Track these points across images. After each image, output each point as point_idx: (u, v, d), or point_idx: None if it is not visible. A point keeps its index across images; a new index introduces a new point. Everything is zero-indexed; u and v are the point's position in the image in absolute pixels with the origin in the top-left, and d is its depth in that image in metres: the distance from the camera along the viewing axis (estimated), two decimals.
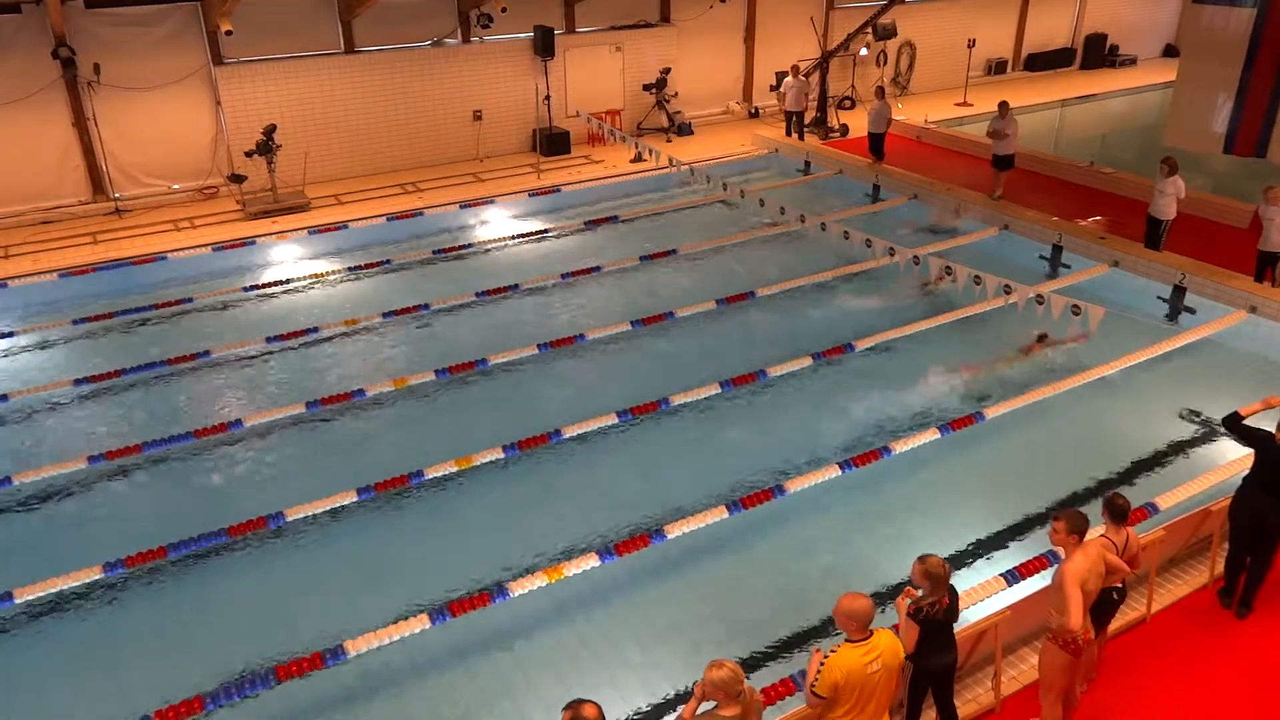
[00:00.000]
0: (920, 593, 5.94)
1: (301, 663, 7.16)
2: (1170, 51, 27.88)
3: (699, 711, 5.12)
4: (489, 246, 16.05)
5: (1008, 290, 11.66)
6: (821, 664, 5.33)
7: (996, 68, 26.11)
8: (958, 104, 23.21)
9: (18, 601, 7.90)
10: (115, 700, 7.08)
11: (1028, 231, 14.93)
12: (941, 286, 13.01)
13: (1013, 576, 7.67)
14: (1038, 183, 16.94)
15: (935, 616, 5.87)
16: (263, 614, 8.11)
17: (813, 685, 5.34)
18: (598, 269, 14.48)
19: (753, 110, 22.97)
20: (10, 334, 12.84)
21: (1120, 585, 6.56)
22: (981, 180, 16.79)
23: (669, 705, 7.07)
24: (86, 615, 8.15)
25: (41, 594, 7.98)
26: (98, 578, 8.18)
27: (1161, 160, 13.38)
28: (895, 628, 5.93)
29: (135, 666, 7.59)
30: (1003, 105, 16.05)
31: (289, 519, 8.84)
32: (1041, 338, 11.74)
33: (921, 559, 5.90)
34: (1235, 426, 7.46)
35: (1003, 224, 15.25)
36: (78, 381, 11.47)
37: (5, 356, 12.50)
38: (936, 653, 6.02)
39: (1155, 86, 24.22)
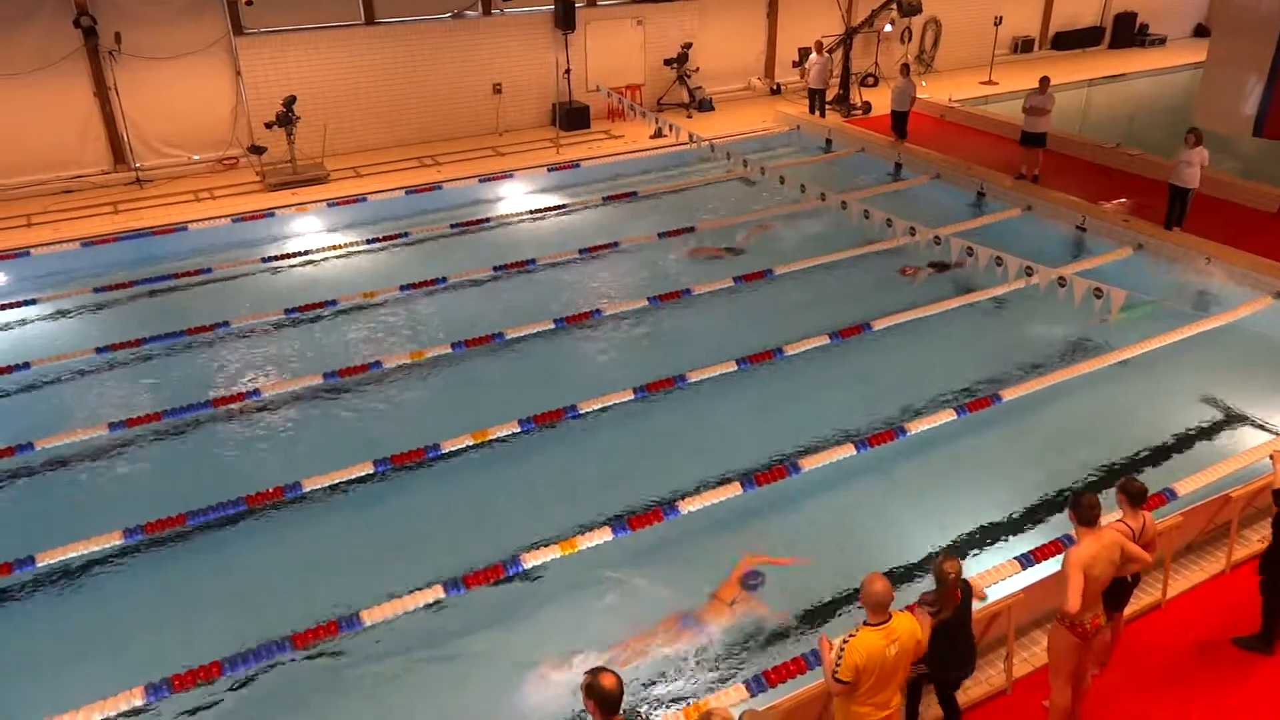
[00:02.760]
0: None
1: (318, 631, 7.25)
2: (1201, 31, 27.38)
3: None
4: (507, 221, 16.03)
5: (1029, 272, 11.55)
6: (842, 648, 5.33)
7: (1023, 46, 25.72)
8: (983, 82, 22.89)
9: (39, 565, 8.03)
10: (135, 664, 7.17)
11: (1051, 213, 14.78)
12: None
13: (1027, 560, 7.65)
14: (1062, 164, 16.73)
15: (943, 616, 5.80)
16: (280, 583, 8.21)
17: (834, 671, 5.34)
18: (615, 245, 14.43)
19: (774, 86, 22.75)
20: (33, 301, 12.96)
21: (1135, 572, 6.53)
22: (1006, 160, 16.59)
23: (675, 676, 7.13)
24: (107, 581, 8.26)
25: (63, 558, 8.11)
26: (118, 544, 8.30)
27: (1188, 130, 13.26)
28: (911, 609, 5.92)
29: (155, 632, 7.70)
30: (1044, 80, 15.75)
31: (306, 489, 8.92)
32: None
33: (944, 557, 5.83)
34: None
35: (1026, 205, 15.09)
36: (99, 350, 11.58)
37: (28, 324, 12.62)
38: (956, 664, 6.00)
39: (1185, 67, 23.78)
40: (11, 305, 12.85)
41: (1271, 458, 7.19)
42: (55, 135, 16.25)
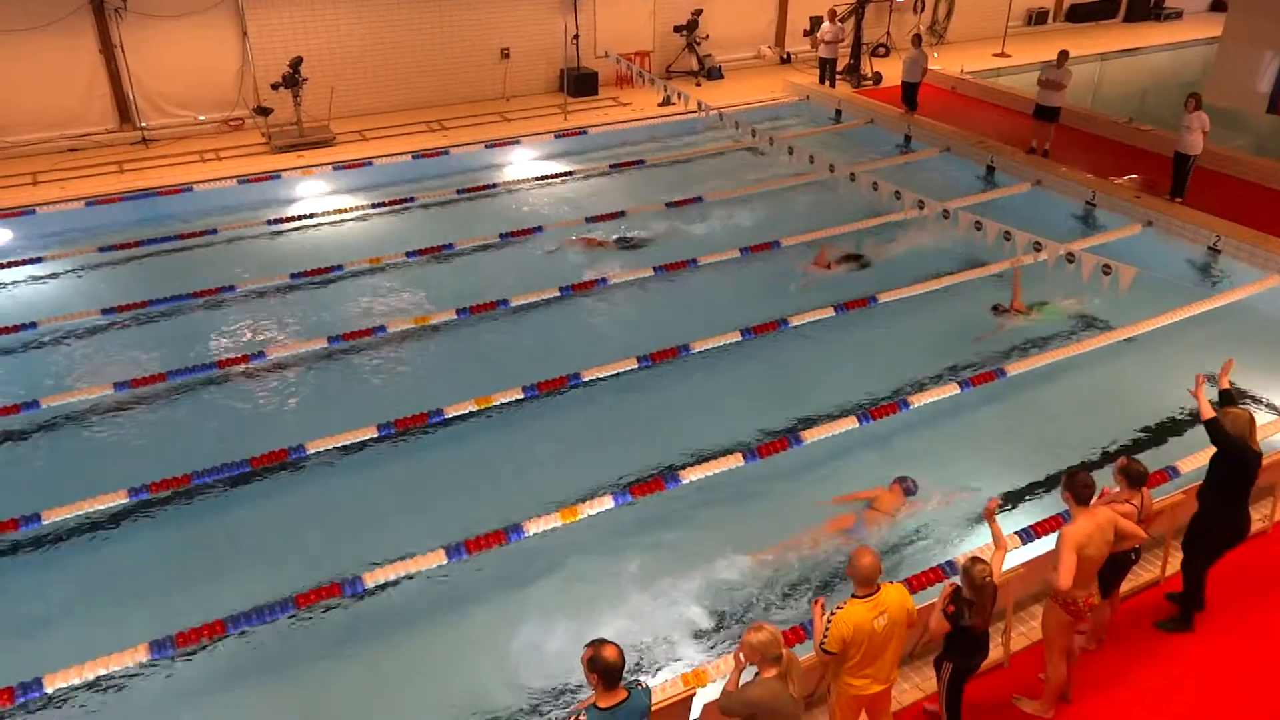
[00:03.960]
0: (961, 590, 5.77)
1: (321, 592, 7.31)
2: (1218, 6, 26.94)
3: (743, 682, 5.15)
4: (513, 187, 15.95)
5: (1037, 247, 11.47)
6: (829, 620, 5.38)
7: (1037, 18, 25.40)
8: (996, 54, 22.65)
9: (45, 523, 8.09)
10: (141, 621, 7.25)
11: (1060, 188, 14.68)
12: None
13: (1027, 535, 7.69)
14: (1073, 138, 16.59)
15: (972, 629, 5.74)
16: (284, 544, 8.27)
17: (822, 642, 5.41)
18: (622, 214, 14.36)
19: (785, 55, 22.52)
20: (38, 260, 12.95)
21: (1137, 548, 6.56)
22: (1017, 134, 16.45)
23: (678, 643, 7.22)
24: (112, 539, 8.32)
25: (69, 516, 8.17)
26: (123, 502, 8.36)
27: (1188, 95, 13.27)
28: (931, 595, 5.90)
29: (160, 590, 7.77)
30: (1062, 54, 15.52)
31: (310, 452, 8.96)
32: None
33: (972, 560, 5.72)
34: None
35: (1035, 179, 14.98)
36: (105, 310, 11.58)
37: (33, 282, 12.62)
38: (974, 653, 6.02)
39: (1200, 42, 23.51)
40: (17, 263, 12.85)
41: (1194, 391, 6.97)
42: (60, 93, 16.14)
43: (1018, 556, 7.35)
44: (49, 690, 6.54)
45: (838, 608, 5.42)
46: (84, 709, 6.79)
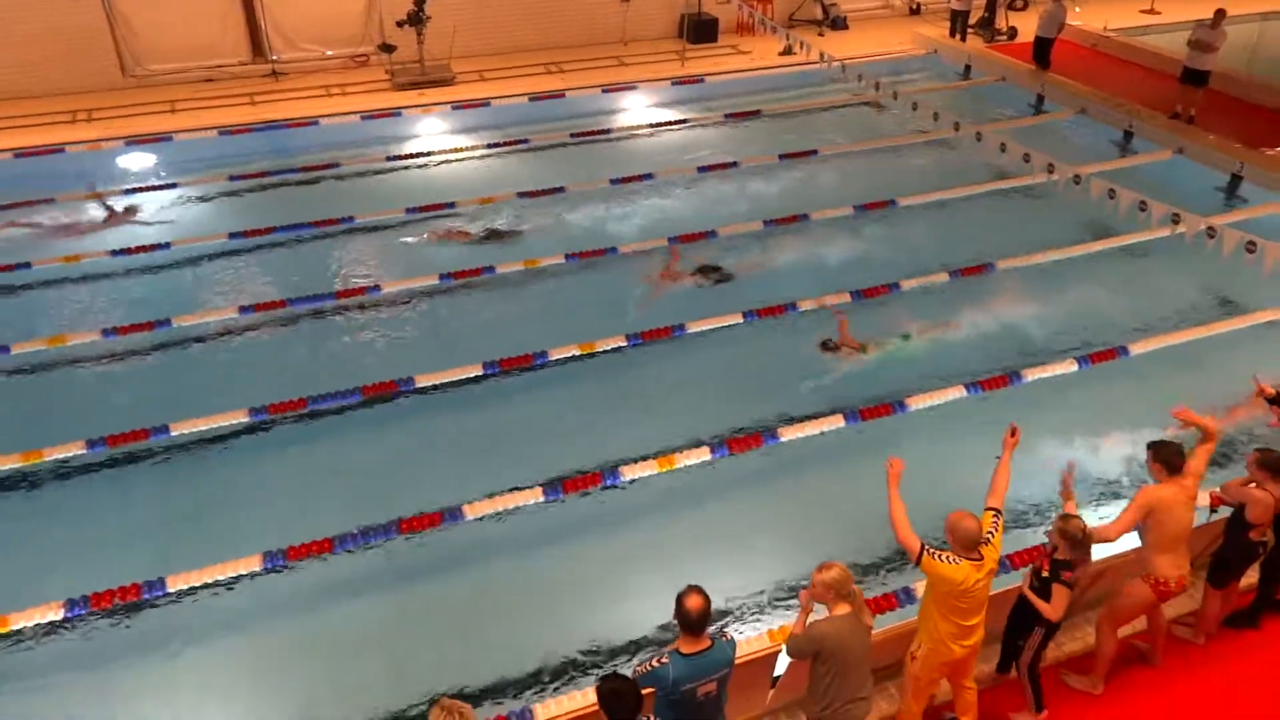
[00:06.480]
0: (1056, 552, 5.69)
1: (423, 519, 7.58)
2: None
3: (810, 620, 5.16)
4: (627, 133, 15.87)
5: (1175, 220, 10.84)
6: (945, 558, 5.28)
7: None
8: (1143, 11, 21.27)
9: (174, 434, 8.58)
10: (258, 534, 7.59)
11: (1205, 158, 13.77)
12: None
13: None
14: (1223, 104, 15.50)
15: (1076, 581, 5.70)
16: (391, 471, 8.58)
17: (928, 548, 5.27)
18: (734, 165, 14.15)
19: (914, 6, 21.64)
20: (174, 185, 13.58)
21: (1265, 540, 6.24)
22: (1160, 97, 15.47)
23: (761, 595, 7.26)
24: (231, 453, 8.78)
25: (194, 430, 8.64)
26: (244, 421, 8.79)
27: None
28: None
29: (275, 506, 8.18)
30: (1219, 14, 14.44)
31: (419, 384, 9.23)
32: None
33: (1064, 518, 5.68)
34: None
35: (1177, 147, 14.09)
36: (231, 235, 12.10)
37: (168, 206, 13.25)
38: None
39: None
40: (156, 188, 13.53)
41: None
42: (197, 23, 16.74)
43: (1121, 545, 7.08)
44: (170, 590, 7.00)
45: (950, 558, 5.32)
46: (204, 608, 7.23)
